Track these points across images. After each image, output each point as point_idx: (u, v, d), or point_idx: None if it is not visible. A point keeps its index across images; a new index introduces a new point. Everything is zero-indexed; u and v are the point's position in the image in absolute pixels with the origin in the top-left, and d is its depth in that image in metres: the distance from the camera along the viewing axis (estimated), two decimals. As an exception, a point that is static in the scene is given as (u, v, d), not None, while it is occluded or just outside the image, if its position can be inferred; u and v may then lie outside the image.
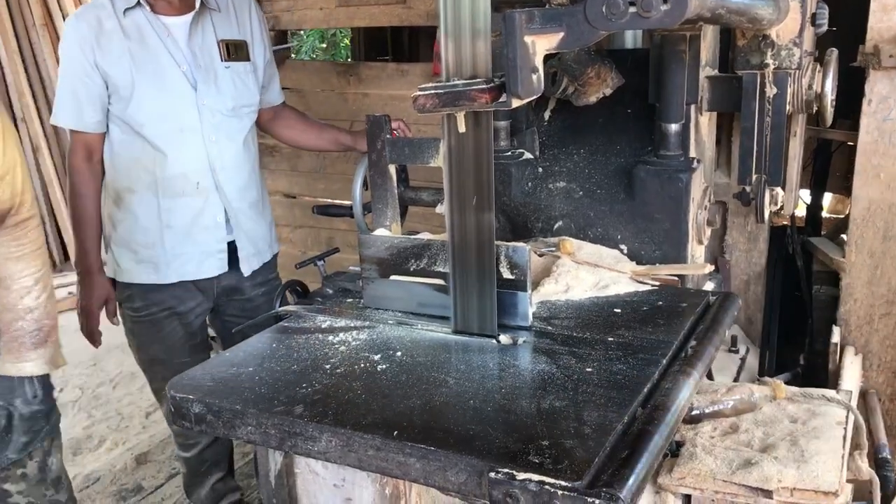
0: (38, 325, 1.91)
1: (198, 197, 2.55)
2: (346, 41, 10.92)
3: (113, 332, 2.73)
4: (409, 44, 6.29)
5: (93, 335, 2.63)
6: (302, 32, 10.62)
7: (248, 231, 2.67)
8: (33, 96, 6.37)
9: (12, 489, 2.02)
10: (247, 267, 2.68)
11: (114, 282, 2.63)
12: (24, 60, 6.29)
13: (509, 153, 2.22)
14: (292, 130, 2.88)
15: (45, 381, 1.99)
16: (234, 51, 2.58)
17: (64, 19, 6.14)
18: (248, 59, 2.62)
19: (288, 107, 2.89)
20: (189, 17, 2.49)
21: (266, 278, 2.78)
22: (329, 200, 4.11)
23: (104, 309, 2.62)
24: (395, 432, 1.30)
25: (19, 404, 1.91)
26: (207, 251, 2.60)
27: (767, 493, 1.70)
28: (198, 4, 2.50)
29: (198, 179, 2.54)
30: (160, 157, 2.49)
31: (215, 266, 2.62)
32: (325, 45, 11.55)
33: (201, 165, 2.53)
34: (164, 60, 2.46)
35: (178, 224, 2.54)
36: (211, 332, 2.90)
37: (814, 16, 2.01)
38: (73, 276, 2.70)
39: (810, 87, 2.06)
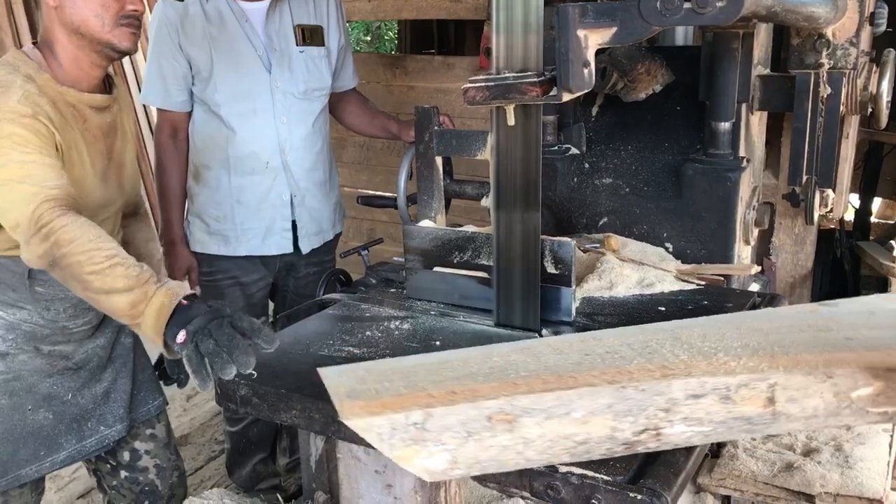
0: None
1: (267, 175, 2.64)
2: (391, 34, 10.95)
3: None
4: (455, 37, 6.29)
5: None
6: (347, 25, 10.67)
7: (312, 210, 2.75)
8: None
9: (141, 448, 2.15)
10: (306, 245, 2.75)
11: None
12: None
13: (556, 148, 2.21)
14: (350, 115, 2.96)
15: None
16: (310, 35, 2.66)
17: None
18: (322, 44, 2.70)
19: (356, 91, 2.96)
20: (267, 2, 2.58)
21: (321, 259, 2.84)
22: (372, 192, 4.13)
23: (187, 278, 2.71)
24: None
25: None
26: (272, 228, 2.68)
27: (809, 498, 1.68)
28: None
29: (267, 159, 2.63)
30: (233, 137, 2.59)
31: (279, 244, 2.71)
32: (369, 38, 11.59)
33: (271, 146, 2.62)
34: (241, 45, 2.55)
35: (247, 200, 2.64)
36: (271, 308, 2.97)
37: (872, 15, 1.97)
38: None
39: (865, 88, 2.03)
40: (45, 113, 1.70)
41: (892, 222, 3.41)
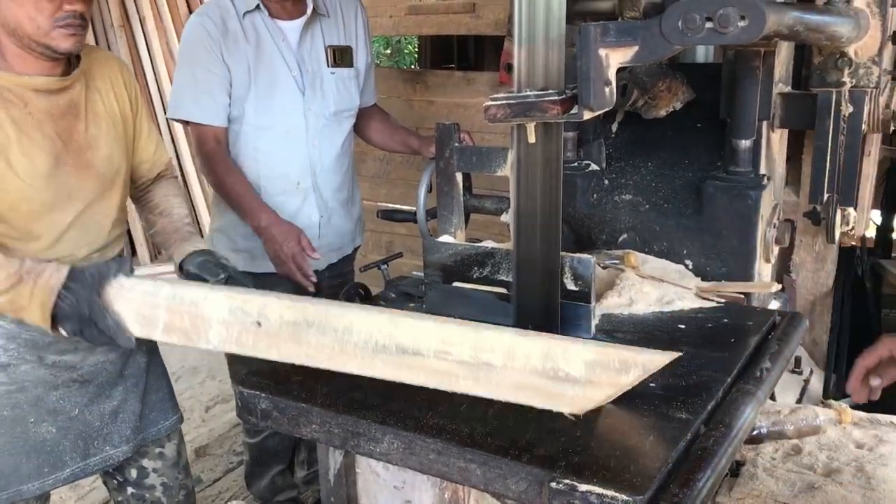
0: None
1: (297, 196, 2.64)
2: (410, 48, 11.01)
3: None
4: (475, 52, 6.32)
5: (306, 275, 2.52)
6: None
7: (337, 227, 2.76)
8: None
9: (149, 466, 2.14)
10: (323, 262, 2.73)
11: None
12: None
13: (575, 164, 2.22)
14: (372, 130, 2.95)
15: None
16: (340, 57, 2.65)
17: (140, 21, 6.32)
18: (351, 64, 2.70)
19: (377, 107, 2.96)
20: (300, 22, 2.56)
21: (341, 271, 2.85)
22: (392, 205, 4.15)
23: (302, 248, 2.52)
24: (457, 437, 1.31)
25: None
26: None
27: (831, 519, 1.66)
28: (309, 10, 2.56)
29: (298, 180, 2.63)
30: (265, 158, 2.58)
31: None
32: (389, 52, 11.66)
33: (303, 167, 2.62)
34: (277, 65, 2.54)
35: None
36: None
37: (895, 34, 1.97)
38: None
39: (888, 106, 2.02)
40: None
41: (914, 240, 3.38)
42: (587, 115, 1.48)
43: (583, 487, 1.17)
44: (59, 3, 1.68)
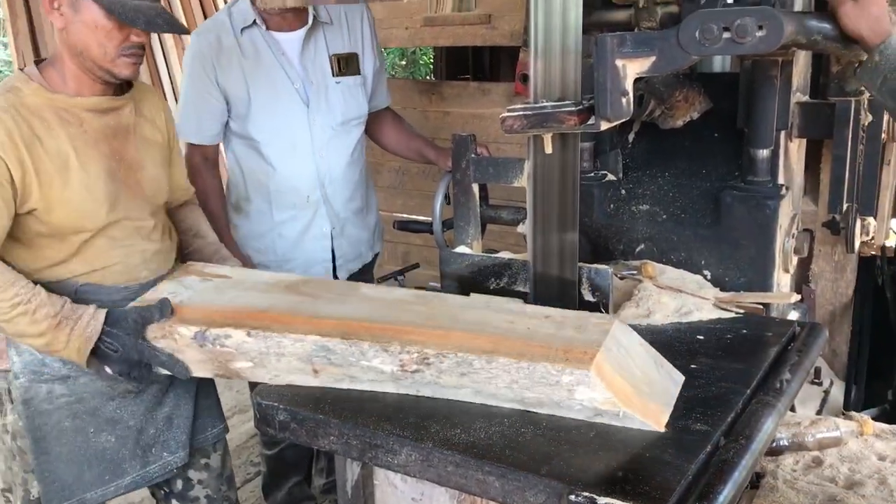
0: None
1: (308, 209, 2.65)
2: (426, 58, 11.04)
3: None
4: (490, 63, 6.33)
5: None
6: (383, 50, 10.76)
7: (351, 237, 2.76)
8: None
9: (194, 477, 2.16)
10: (344, 272, 2.75)
11: None
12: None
13: (592, 174, 2.21)
14: (385, 135, 2.93)
15: None
16: (346, 65, 2.64)
17: (159, 37, 6.37)
18: (358, 72, 2.68)
19: (390, 110, 2.94)
20: (302, 32, 2.55)
21: (360, 279, 2.84)
22: (408, 216, 4.16)
23: None
24: (475, 449, 1.31)
25: None
26: (313, 259, 2.70)
27: (853, 532, 1.64)
28: (311, 19, 2.56)
29: (308, 193, 2.64)
30: (273, 172, 2.60)
31: (319, 274, 2.71)
32: (404, 63, 11.69)
33: (311, 180, 2.63)
34: (278, 78, 2.53)
35: (289, 234, 2.66)
36: None
37: (914, 42, 1.95)
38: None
39: (907, 115, 2.01)
40: (6, 129, 1.72)
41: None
42: (604, 126, 1.49)
43: (602, 500, 1.17)
44: (126, 34, 1.79)
